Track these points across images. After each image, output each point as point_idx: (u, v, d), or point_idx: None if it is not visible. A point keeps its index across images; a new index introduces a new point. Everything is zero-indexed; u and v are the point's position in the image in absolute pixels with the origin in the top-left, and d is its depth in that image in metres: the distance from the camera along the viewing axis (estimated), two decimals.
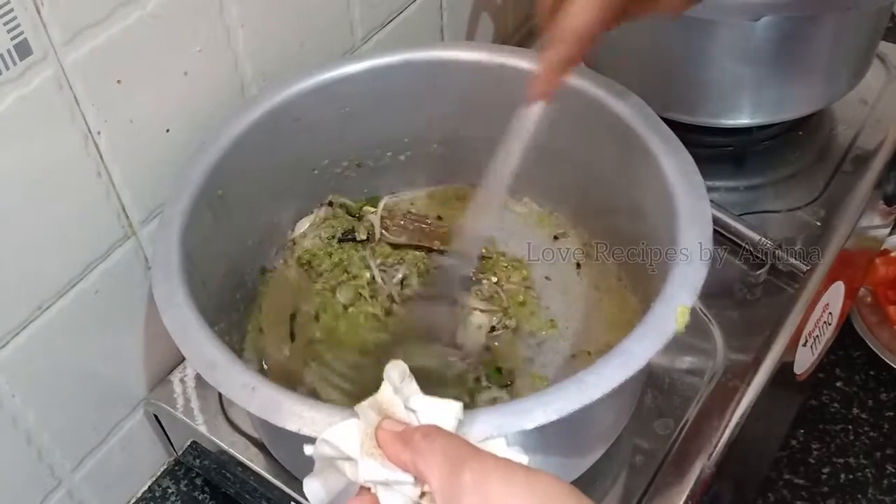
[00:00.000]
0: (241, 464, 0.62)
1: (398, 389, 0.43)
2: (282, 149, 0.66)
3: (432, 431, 0.40)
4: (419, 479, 0.39)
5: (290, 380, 0.63)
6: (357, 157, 0.72)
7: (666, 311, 0.49)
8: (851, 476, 0.86)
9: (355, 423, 0.42)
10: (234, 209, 0.63)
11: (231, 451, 0.62)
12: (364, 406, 0.42)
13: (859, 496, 0.85)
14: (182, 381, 0.67)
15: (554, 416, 0.44)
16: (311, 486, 0.43)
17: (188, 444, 0.67)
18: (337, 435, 0.42)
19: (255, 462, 0.62)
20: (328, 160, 0.71)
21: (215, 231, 0.61)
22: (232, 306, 0.65)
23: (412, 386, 0.44)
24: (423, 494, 0.39)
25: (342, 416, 0.44)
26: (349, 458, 0.41)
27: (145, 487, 0.70)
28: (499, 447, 0.42)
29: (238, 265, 0.66)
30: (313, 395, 0.62)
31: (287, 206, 0.71)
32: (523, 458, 0.41)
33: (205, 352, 0.50)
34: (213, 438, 0.63)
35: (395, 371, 0.43)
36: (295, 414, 0.46)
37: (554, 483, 0.37)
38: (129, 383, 0.66)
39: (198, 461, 0.68)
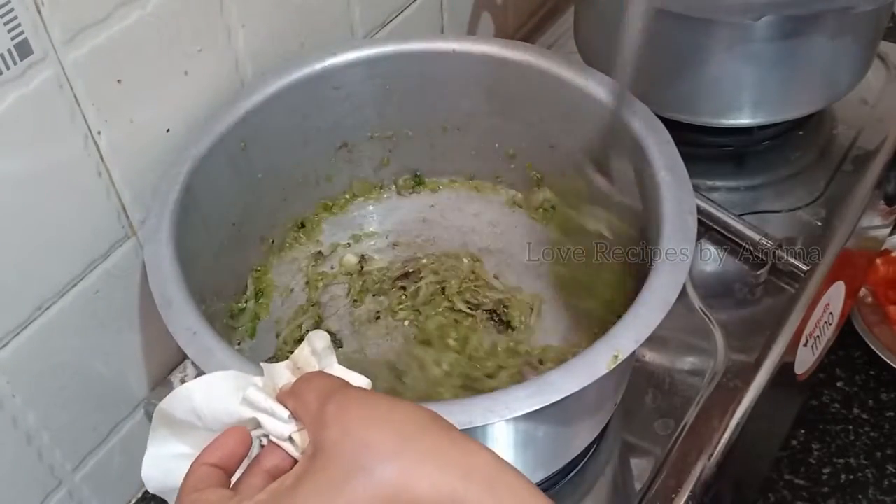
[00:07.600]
0: None
1: (316, 353, 0.43)
2: (316, 114, 0.67)
3: (313, 376, 0.41)
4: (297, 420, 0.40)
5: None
6: (393, 135, 0.72)
7: (603, 350, 0.46)
8: (852, 476, 0.86)
9: (259, 380, 0.42)
10: (255, 164, 0.65)
11: None
12: (280, 366, 0.43)
13: (860, 496, 0.85)
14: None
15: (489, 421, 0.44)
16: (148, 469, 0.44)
17: None
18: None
19: None
20: (362, 134, 0.71)
21: (231, 180, 0.63)
22: (232, 261, 0.66)
23: (331, 357, 0.44)
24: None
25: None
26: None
27: (145, 488, 0.69)
28: (341, 371, 0.42)
29: (251, 219, 0.67)
30: None
31: (311, 174, 0.71)
32: (363, 381, 0.42)
33: (166, 287, 0.51)
34: None
35: (319, 340, 0.44)
36: (222, 366, 0.45)
37: (414, 408, 0.38)
38: (129, 383, 0.66)
39: None
